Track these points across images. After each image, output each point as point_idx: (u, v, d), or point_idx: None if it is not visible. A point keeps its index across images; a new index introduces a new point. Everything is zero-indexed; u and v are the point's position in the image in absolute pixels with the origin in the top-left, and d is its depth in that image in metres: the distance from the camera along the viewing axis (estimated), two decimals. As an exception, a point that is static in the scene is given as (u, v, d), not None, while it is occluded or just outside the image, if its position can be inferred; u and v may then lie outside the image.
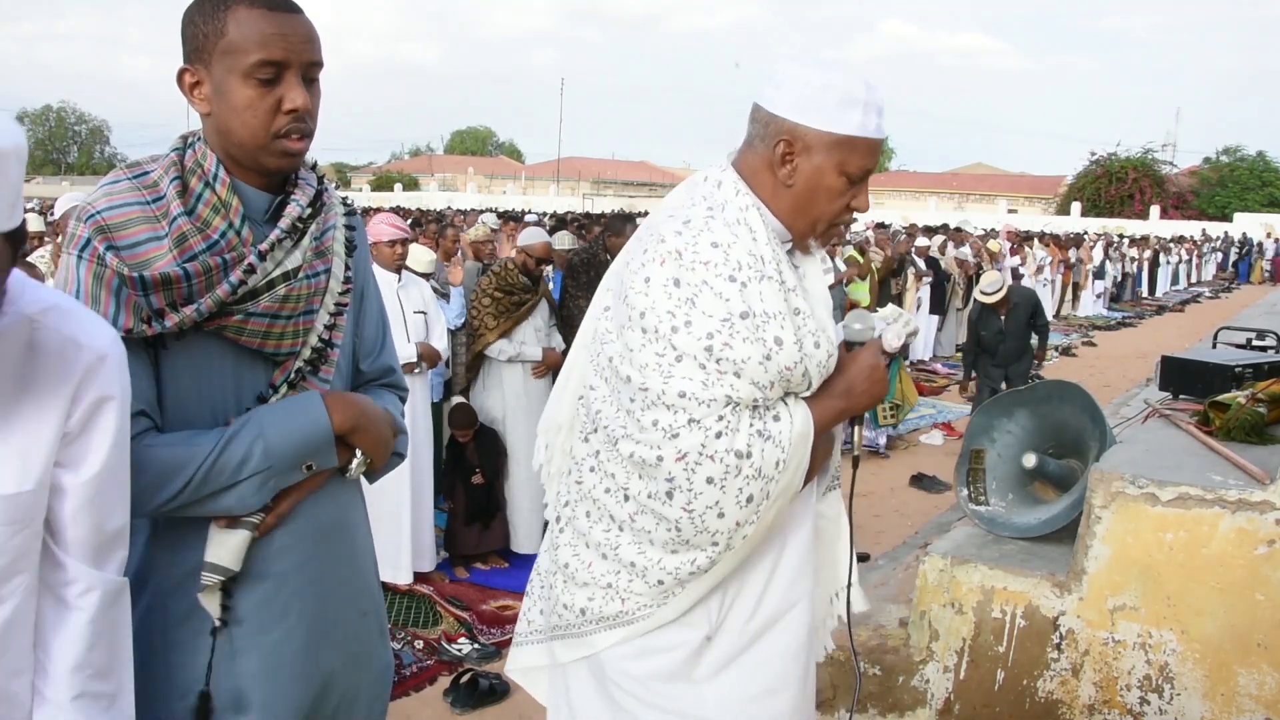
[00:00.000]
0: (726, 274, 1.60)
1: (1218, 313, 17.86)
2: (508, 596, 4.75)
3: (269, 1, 1.48)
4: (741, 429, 1.59)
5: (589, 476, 1.77)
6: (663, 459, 1.59)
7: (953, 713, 2.91)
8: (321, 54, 1.54)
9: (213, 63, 1.48)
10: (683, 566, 1.68)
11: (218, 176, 1.52)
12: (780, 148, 1.69)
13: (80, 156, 71.18)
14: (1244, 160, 45.23)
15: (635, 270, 1.66)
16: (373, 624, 1.78)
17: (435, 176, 58.74)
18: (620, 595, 1.73)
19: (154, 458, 1.44)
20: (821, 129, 1.66)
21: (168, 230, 1.47)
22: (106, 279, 1.44)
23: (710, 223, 1.66)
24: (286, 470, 1.52)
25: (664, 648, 1.75)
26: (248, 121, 1.48)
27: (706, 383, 1.58)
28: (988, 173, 64.35)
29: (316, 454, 1.55)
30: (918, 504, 6.37)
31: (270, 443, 1.49)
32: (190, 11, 1.51)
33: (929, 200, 45.86)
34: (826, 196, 1.71)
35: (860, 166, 1.69)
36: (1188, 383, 3.56)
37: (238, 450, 1.47)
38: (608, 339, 1.71)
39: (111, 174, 1.54)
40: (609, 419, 1.69)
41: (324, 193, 1.64)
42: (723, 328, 1.58)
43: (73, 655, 1.28)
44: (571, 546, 1.80)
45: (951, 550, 2.96)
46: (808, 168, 1.69)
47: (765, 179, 1.73)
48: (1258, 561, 2.49)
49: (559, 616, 1.82)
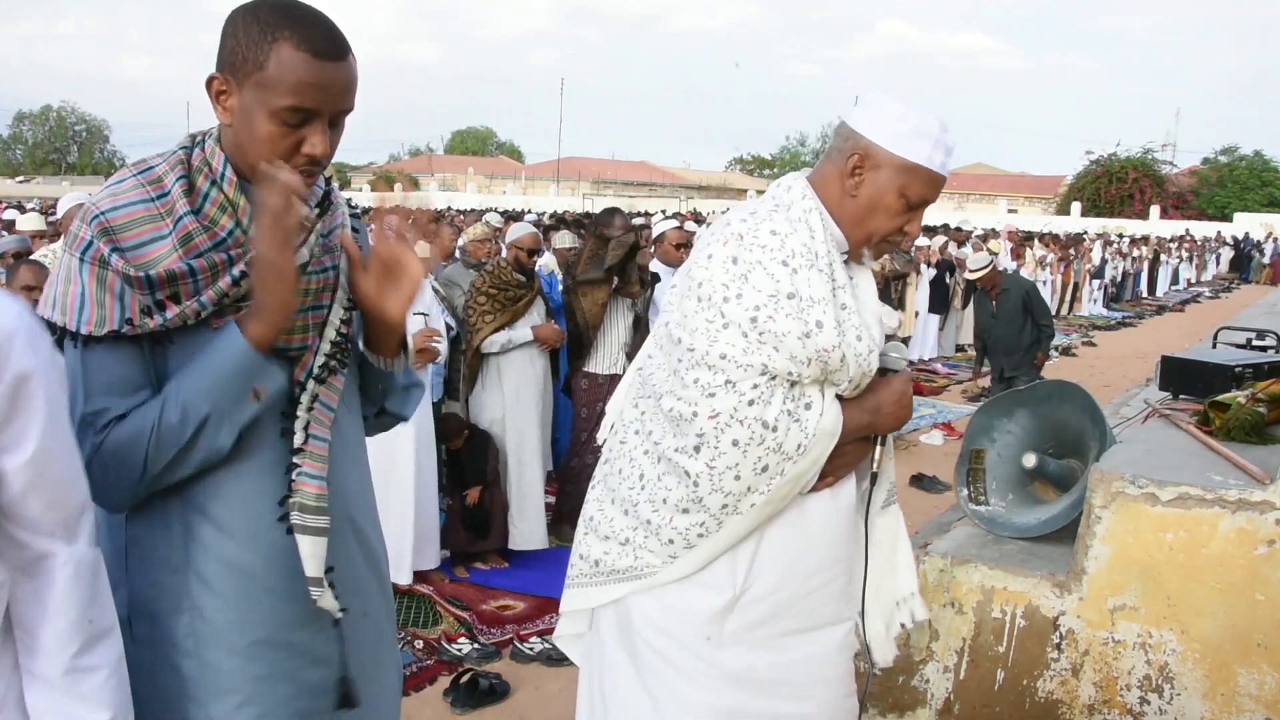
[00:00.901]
0: (780, 259, 1.77)
1: (1218, 313, 17.87)
2: (508, 596, 4.75)
3: (316, 46, 1.44)
4: (774, 403, 1.74)
5: (632, 438, 1.92)
6: (697, 414, 1.75)
7: (953, 713, 2.91)
8: (354, 99, 1.53)
9: (245, 86, 1.46)
10: (692, 528, 1.80)
11: (225, 176, 1.51)
12: (853, 160, 1.86)
13: (80, 156, 71.14)
14: (1243, 160, 45.25)
15: (701, 249, 1.86)
16: (384, 625, 1.78)
17: (435, 176, 58.73)
18: (634, 551, 1.86)
19: (111, 442, 1.44)
20: (893, 151, 1.83)
21: (172, 229, 1.47)
22: (109, 282, 1.43)
23: (774, 215, 1.84)
24: (229, 405, 1.47)
25: (687, 605, 1.86)
26: (263, 153, 1.48)
27: (746, 350, 1.74)
28: (988, 173, 64.39)
29: (249, 375, 1.48)
30: (918, 504, 6.37)
31: (186, 389, 1.45)
32: (235, 23, 1.47)
33: (929, 200, 45.71)
34: (885, 214, 1.87)
35: (919, 194, 1.86)
36: (1188, 383, 3.56)
37: (172, 411, 1.45)
38: (669, 309, 1.89)
39: (117, 174, 1.54)
40: (659, 381, 1.85)
41: (330, 194, 1.65)
42: (769, 302, 1.74)
43: (56, 631, 1.28)
44: (598, 502, 1.96)
45: (951, 550, 2.96)
46: (873, 184, 1.85)
47: (834, 187, 1.89)
48: (1258, 561, 2.49)
49: (574, 567, 1.97)
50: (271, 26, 1.44)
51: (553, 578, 4.91)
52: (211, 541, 1.53)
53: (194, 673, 1.53)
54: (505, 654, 4.18)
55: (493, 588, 4.86)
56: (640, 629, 1.89)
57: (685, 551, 1.82)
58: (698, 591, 1.85)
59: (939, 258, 12.62)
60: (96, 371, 1.46)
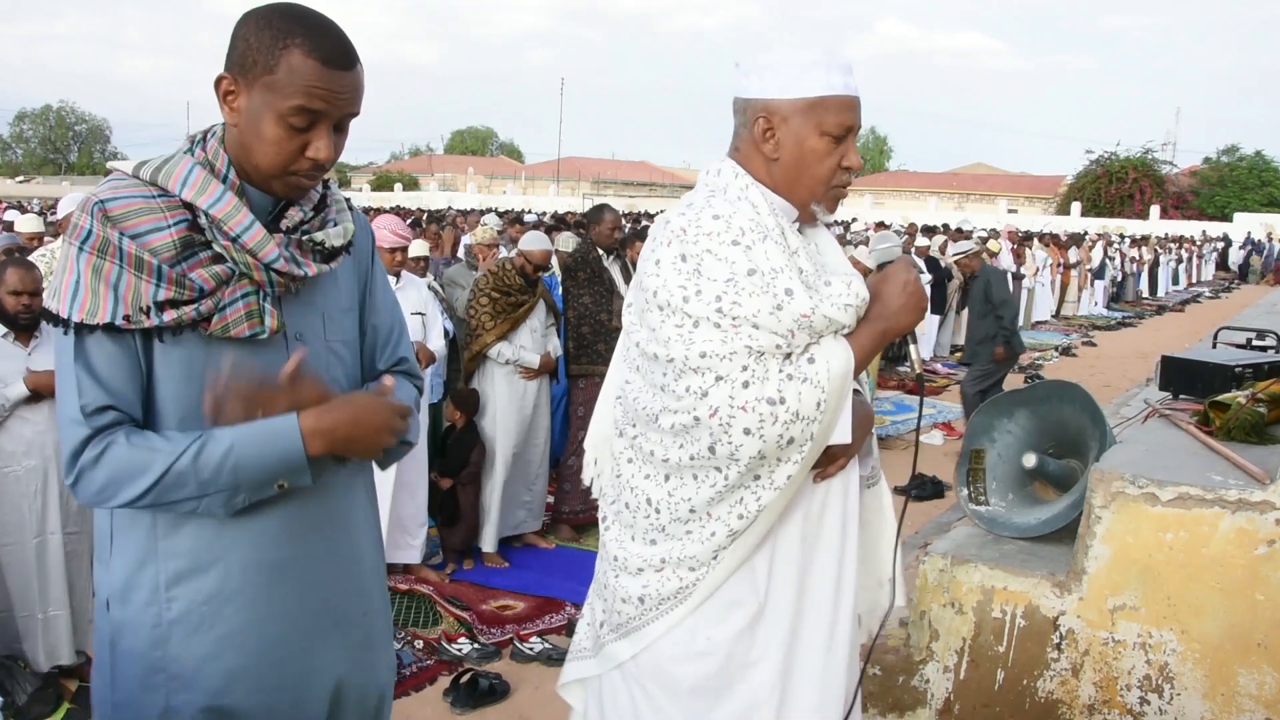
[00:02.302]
0: (729, 239, 1.70)
1: (1218, 313, 17.87)
2: (508, 596, 4.75)
3: (326, 54, 1.46)
4: (771, 377, 1.66)
5: (627, 468, 1.84)
6: (699, 419, 1.67)
7: (953, 713, 2.91)
8: (360, 105, 1.54)
9: (253, 87, 1.47)
10: (731, 515, 1.73)
11: (227, 178, 1.52)
12: (760, 124, 1.79)
13: (80, 156, 71.18)
14: (1243, 160, 45.23)
15: (647, 256, 1.78)
16: (377, 623, 1.78)
17: (435, 176, 58.73)
18: (675, 573, 1.78)
19: (116, 456, 1.45)
20: (791, 97, 1.76)
21: (171, 224, 1.47)
22: (105, 272, 1.44)
23: (712, 201, 1.77)
24: (256, 489, 1.51)
25: (713, 624, 1.79)
26: (269, 154, 1.49)
27: (724, 339, 1.65)
28: (988, 173, 64.35)
29: (288, 476, 1.53)
30: (918, 504, 6.36)
31: (239, 464, 1.48)
32: (248, 25, 1.48)
33: (929, 200, 45.82)
34: (814, 158, 1.79)
35: (838, 124, 1.78)
36: (1188, 383, 3.56)
37: (207, 464, 1.46)
38: (633, 329, 1.81)
39: (113, 175, 1.54)
40: (646, 402, 1.77)
41: (327, 195, 1.66)
42: (729, 288, 1.66)
43: None
44: (618, 541, 1.87)
45: (951, 550, 2.96)
46: (789, 136, 1.78)
47: (756, 159, 1.82)
48: (1258, 561, 2.49)
49: (619, 614, 1.86)
50: (284, 32, 1.45)
51: (553, 578, 4.92)
52: (185, 536, 1.54)
53: (160, 663, 1.54)
54: (505, 654, 4.17)
55: (493, 588, 4.85)
56: (657, 678, 1.82)
57: (728, 543, 1.74)
58: (721, 624, 1.79)
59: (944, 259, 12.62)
60: (91, 360, 1.46)
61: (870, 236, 11.53)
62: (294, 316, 1.59)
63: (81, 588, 3.60)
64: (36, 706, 3.44)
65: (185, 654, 1.54)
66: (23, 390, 3.38)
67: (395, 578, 4.75)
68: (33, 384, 3.39)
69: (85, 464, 1.45)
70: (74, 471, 1.46)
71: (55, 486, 3.49)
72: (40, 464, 3.46)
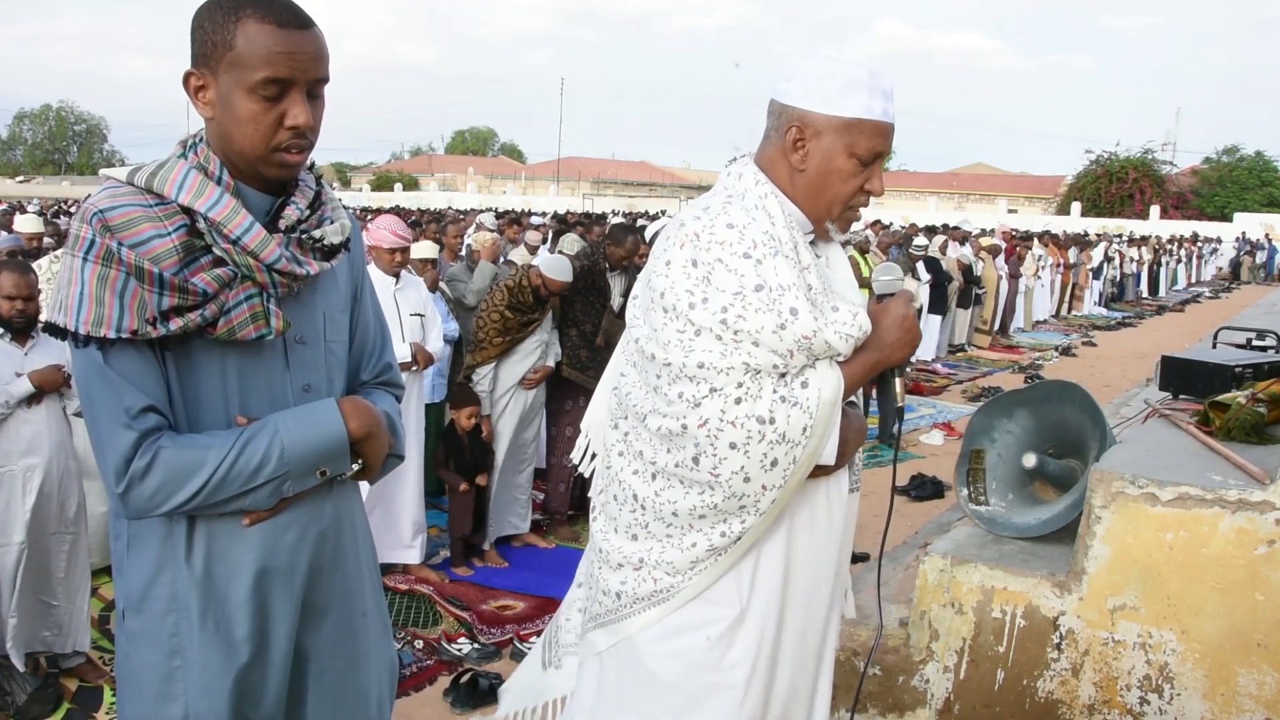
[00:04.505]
0: (741, 251, 1.68)
1: (1218, 313, 17.86)
2: (508, 596, 4.75)
3: (279, 17, 1.47)
4: (764, 396, 1.66)
5: (617, 460, 1.85)
6: (687, 427, 1.66)
7: (953, 713, 2.91)
8: (328, 69, 1.54)
9: (219, 72, 1.48)
10: (714, 531, 1.73)
11: (221, 180, 1.52)
12: (792, 134, 1.78)
13: (80, 156, 71.13)
14: (1243, 160, 45.22)
15: (658, 255, 1.77)
16: (375, 622, 1.79)
17: (435, 176, 58.74)
18: (651, 575, 1.79)
19: (167, 459, 1.45)
20: (828, 113, 1.75)
21: (171, 230, 1.47)
22: (111, 280, 1.43)
23: (728, 207, 1.75)
24: (302, 475, 1.54)
25: (693, 625, 1.79)
26: (249, 134, 1.49)
27: (724, 353, 1.65)
28: (988, 173, 64.34)
29: (331, 460, 1.57)
30: (918, 504, 6.36)
31: (287, 447, 1.51)
32: (200, 16, 1.50)
33: (929, 200, 45.83)
34: (839, 178, 1.79)
35: (869, 148, 1.77)
36: (1188, 383, 3.56)
37: (254, 455, 1.48)
38: (635, 324, 1.81)
39: (108, 184, 1.52)
40: (638, 400, 1.77)
41: (321, 193, 1.66)
42: (735, 301, 1.66)
43: None
44: (603, 533, 1.88)
45: (951, 550, 2.96)
46: (818, 151, 1.78)
47: (781, 166, 1.82)
48: (1258, 561, 2.49)
49: (599, 604, 1.89)
50: (233, 8, 1.47)
51: (553, 578, 4.91)
52: (199, 545, 1.54)
53: (177, 672, 1.54)
54: (505, 654, 4.17)
55: (493, 588, 4.85)
56: (648, 662, 1.82)
57: (709, 559, 1.75)
58: (703, 607, 1.79)
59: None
60: (122, 366, 1.45)
61: (869, 236, 11.53)
62: (294, 317, 1.60)
63: (81, 588, 3.59)
64: (36, 706, 3.43)
65: (202, 662, 1.55)
66: (28, 386, 3.38)
67: (395, 578, 4.75)
68: (38, 380, 3.38)
69: (136, 472, 1.44)
70: (125, 480, 1.44)
71: (55, 486, 3.49)
72: (40, 463, 3.46)
